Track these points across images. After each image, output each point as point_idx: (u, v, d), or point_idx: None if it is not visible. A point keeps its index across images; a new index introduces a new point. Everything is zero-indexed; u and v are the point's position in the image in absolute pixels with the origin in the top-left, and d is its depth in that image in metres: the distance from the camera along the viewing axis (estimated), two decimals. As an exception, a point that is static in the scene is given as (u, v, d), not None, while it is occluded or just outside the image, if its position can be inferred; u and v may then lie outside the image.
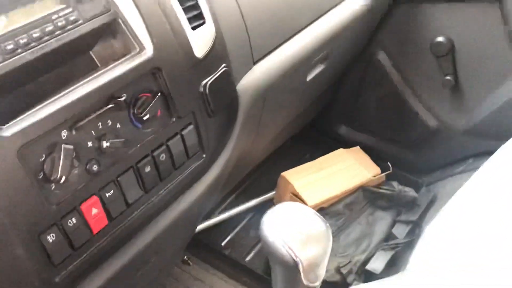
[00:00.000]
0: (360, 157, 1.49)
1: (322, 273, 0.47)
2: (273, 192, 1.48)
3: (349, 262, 1.28)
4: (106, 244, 0.68)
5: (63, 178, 0.60)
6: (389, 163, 1.48)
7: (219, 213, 1.43)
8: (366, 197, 1.41)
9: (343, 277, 1.26)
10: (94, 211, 0.65)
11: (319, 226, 0.46)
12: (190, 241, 1.28)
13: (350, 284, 1.24)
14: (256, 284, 1.29)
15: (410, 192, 1.41)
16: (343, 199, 1.38)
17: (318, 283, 0.47)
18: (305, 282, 0.44)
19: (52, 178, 0.59)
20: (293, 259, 0.43)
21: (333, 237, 1.37)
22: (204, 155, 0.81)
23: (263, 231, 0.46)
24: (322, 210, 1.37)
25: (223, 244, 1.37)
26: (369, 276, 1.25)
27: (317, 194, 1.35)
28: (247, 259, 1.34)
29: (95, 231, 0.66)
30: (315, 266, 0.45)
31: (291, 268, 0.44)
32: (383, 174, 1.45)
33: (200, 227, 1.36)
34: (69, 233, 0.62)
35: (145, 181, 0.71)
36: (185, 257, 1.34)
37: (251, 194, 1.49)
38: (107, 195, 0.66)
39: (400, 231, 1.35)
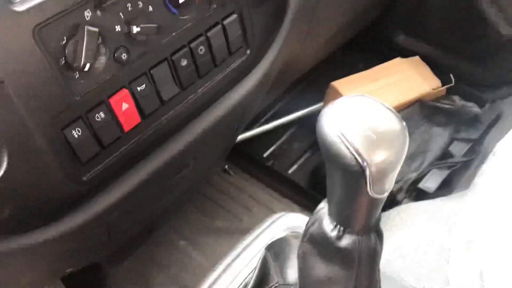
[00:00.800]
0: (419, 68, 1.35)
1: (391, 184, 0.38)
2: (321, 104, 1.38)
3: (400, 179, 1.19)
4: (140, 144, 0.62)
5: (88, 65, 0.52)
6: (451, 75, 1.33)
7: (262, 124, 1.36)
8: (423, 112, 1.29)
9: (393, 194, 1.18)
10: (125, 106, 0.58)
11: (394, 124, 0.36)
12: (231, 151, 1.22)
13: (400, 202, 1.17)
14: (298, 197, 1.23)
15: (472, 107, 1.28)
16: (398, 112, 1.26)
17: (385, 195, 0.38)
18: (371, 193, 0.36)
19: (75, 65, 0.51)
20: (359, 164, 0.35)
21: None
22: (248, 51, 0.72)
23: (321, 127, 0.37)
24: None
25: (265, 155, 1.31)
26: (420, 195, 1.17)
27: (369, 106, 1.24)
28: (290, 171, 1.28)
29: (126, 129, 0.59)
30: (385, 175, 0.36)
31: (355, 175, 0.35)
32: (444, 87, 1.32)
33: (242, 137, 1.29)
34: (97, 129, 0.56)
35: (181, 76, 0.63)
36: (226, 166, 1.29)
37: (297, 104, 1.40)
38: (138, 89, 0.59)
39: (458, 149, 1.25)
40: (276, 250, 0.57)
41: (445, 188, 1.17)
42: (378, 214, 0.41)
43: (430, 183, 1.17)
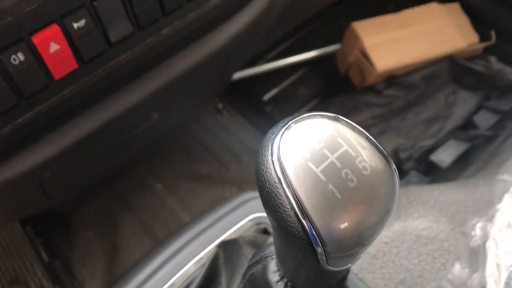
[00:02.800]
0: (456, 18, 1.15)
1: (361, 254, 0.25)
2: (337, 45, 1.21)
3: (412, 146, 1.05)
4: (77, 95, 0.49)
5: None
6: (493, 31, 1.14)
7: (267, 62, 1.20)
8: (452, 70, 1.12)
9: (400, 161, 1.05)
10: (54, 47, 0.44)
11: (378, 172, 0.23)
12: (227, 89, 1.08)
13: (406, 172, 1.04)
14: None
15: (510, 74, 1.10)
16: (422, 69, 1.09)
17: (350, 266, 0.26)
18: (325, 267, 0.23)
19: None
20: (306, 232, 0.22)
21: (400, 114, 1.13)
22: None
23: (258, 161, 0.24)
24: (393, 78, 1.10)
25: (265, 98, 1.17)
26: (431, 169, 1.03)
27: (391, 57, 1.07)
28: (291, 120, 1.13)
29: (57, 76, 0.46)
30: (348, 249, 0.23)
31: (302, 243, 0.22)
32: (481, 44, 1.13)
33: (241, 74, 1.14)
34: (14, 74, 0.43)
35: (137, 11, 0.48)
36: (220, 105, 1.15)
37: (310, 44, 1.22)
38: (75, 25, 0.45)
39: (484, 120, 1.08)
40: (227, 253, 0.46)
41: (461, 164, 1.03)
42: (343, 273, 0.29)
43: (445, 155, 1.03)
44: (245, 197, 0.58)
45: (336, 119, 0.24)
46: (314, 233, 0.22)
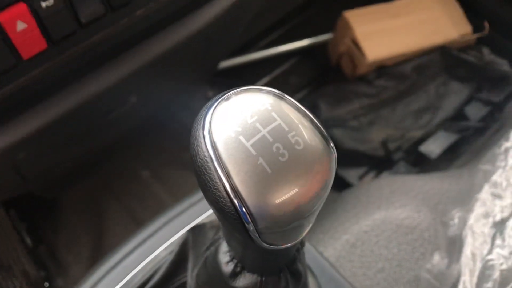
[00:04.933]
0: (449, 8, 1.14)
1: (302, 234, 0.24)
2: (329, 35, 1.20)
3: (401, 137, 1.05)
4: (48, 75, 0.48)
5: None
6: (486, 22, 1.12)
7: (258, 50, 1.19)
8: (444, 61, 1.11)
9: (388, 152, 1.04)
10: (21, 26, 0.44)
11: (314, 146, 0.22)
12: (216, 77, 1.08)
13: (395, 163, 1.03)
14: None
15: (502, 65, 1.08)
16: (413, 59, 1.08)
17: (290, 245, 0.25)
18: (261, 244, 0.23)
19: None
20: (235, 207, 0.21)
21: (390, 104, 1.12)
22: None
23: (192, 135, 0.23)
24: (384, 68, 1.09)
25: (256, 85, 1.15)
26: (420, 159, 1.02)
27: (382, 47, 1.06)
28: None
29: (26, 56, 0.45)
30: (282, 227, 0.22)
31: (233, 219, 0.22)
32: (474, 35, 1.12)
33: (231, 62, 1.13)
34: (-21, 53, 0.42)
35: (110, -9, 0.47)
36: (210, 93, 1.14)
37: (302, 32, 1.21)
38: (43, 4, 0.44)
39: (475, 111, 1.08)
40: (195, 238, 0.45)
41: (450, 155, 1.02)
42: (291, 254, 0.28)
43: (434, 146, 1.02)
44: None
45: (278, 96, 0.23)
46: (244, 209, 0.21)
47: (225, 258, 0.28)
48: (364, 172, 1.05)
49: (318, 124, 0.24)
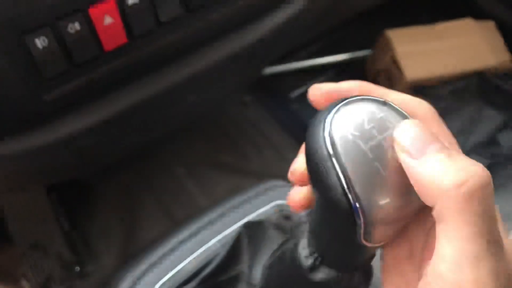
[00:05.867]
0: (490, 36, 1.15)
1: (397, 231, 0.27)
2: (368, 51, 1.22)
3: (432, 157, 1.06)
4: (123, 68, 0.51)
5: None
6: (526, 52, 1.14)
7: (296, 59, 1.21)
8: (480, 87, 1.12)
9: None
10: (108, 20, 0.47)
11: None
12: (254, 83, 1.10)
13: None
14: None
15: (539, 95, 1.10)
16: (450, 83, 1.10)
17: (383, 244, 0.27)
18: (361, 241, 0.25)
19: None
20: (350, 203, 0.24)
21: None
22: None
23: (310, 134, 0.26)
24: (422, 89, 1.11)
25: (291, 96, 1.18)
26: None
27: (421, 67, 1.08)
28: (315, 120, 1.15)
29: (107, 48, 0.48)
30: (388, 223, 0.25)
31: (342, 214, 0.24)
32: (513, 64, 1.13)
33: (270, 69, 1.16)
34: (69, 42, 0.45)
35: (189, -6, 0.50)
36: (247, 98, 1.17)
37: (342, 46, 1.24)
38: (129, 2, 0.47)
39: (508, 139, 1.09)
40: (252, 233, 0.47)
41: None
42: (371, 254, 0.30)
43: (464, 169, 1.03)
44: (269, 185, 0.60)
45: (392, 107, 0.26)
46: (357, 204, 0.24)
47: (304, 252, 0.30)
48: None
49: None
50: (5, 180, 0.60)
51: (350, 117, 0.25)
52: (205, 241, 0.52)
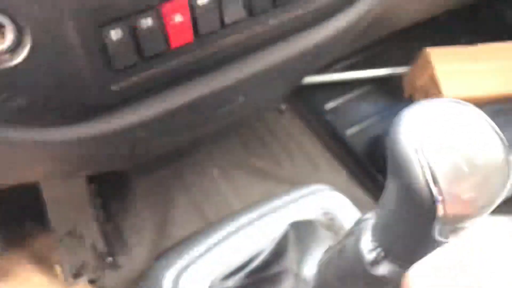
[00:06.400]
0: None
1: (467, 229, 0.28)
2: (406, 67, 1.23)
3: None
4: (185, 66, 0.53)
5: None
6: None
7: (333, 71, 1.23)
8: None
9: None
10: (178, 18, 0.49)
11: (497, 155, 0.26)
12: (292, 92, 1.12)
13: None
14: (349, 163, 1.13)
15: None
16: (489, 104, 1.10)
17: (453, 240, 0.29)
18: (436, 236, 0.26)
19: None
20: (432, 197, 0.25)
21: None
22: (341, -9, 0.60)
23: (396, 132, 0.27)
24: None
25: (326, 107, 1.20)
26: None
27: (461, 87, 1.09)
28: (348, 132, 1.16)
29: (173, 45, 0.51)
30: (463, 221, 0.26)
31: (421, 208, 0.26)
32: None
33: (307, 80, 1.18)
34: (140, 37, 0.48)
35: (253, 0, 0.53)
36: (283, 106, 1.19)
37: (379, 61, 1.25)
38: (199, 2, 0.49)
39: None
40: (299, 232, 0.49)
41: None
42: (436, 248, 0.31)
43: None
44: (313, 188, 0.61)
45: (475, 111, 0.27)
46: (440, 197, 0.25)
47: (368, 246, 0.32)
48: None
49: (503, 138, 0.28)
50: (59, 166, 0.63)
51: (437, 115, 0.27)
52: (250, 237, 0.54)
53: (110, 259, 0.98)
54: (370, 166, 1.10)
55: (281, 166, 1.12)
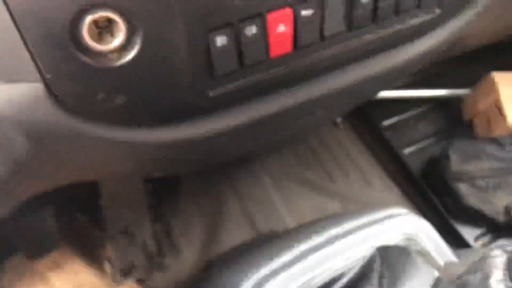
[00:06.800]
0: None
1: None
2: (467, 90, 1.20)
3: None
4: (278, 76, 0.52)
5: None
6: None
7: (394, 88, 1.21)
8: None
9: (510, 219, 1.02)
10: (281, 28, 0.48)
11: None
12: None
13: (515, 232, 1.01)
14: (404, 183, 1.11)
15: None
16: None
17: None
18: None
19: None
20: None
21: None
22: (438, 11, 0.58)
23: None
24: (521, 136, 1.08)
25: (384, 123, 1.18)
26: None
27: (526, 115, 1.05)
28: (406, 151, 1.14)
29: (272, 54, 0.50)
30: None
31: None
32: None
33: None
34: (243, 44, 0.47)
35: (354, 13, 0.51)
36: (339, 120, 1.18)
37: (442, 81, 1.22)
38: (303, 13, 0.48)
39: None
40: (389, 259, 0.47)
41: None
42: None
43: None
44: (393, 212, 0.59)
45: None
46: None
47: (499, 286, 0.30)
48: (482, 233, 1.03)
49: None
50: (136, 166, 0.62)
51: None
52: (332, 255, 0.52)
53: (159, 259, 0.97)
54: (426, 187, 1.07)
55: (334, 181, 1.10)
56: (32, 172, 0.54)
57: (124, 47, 0.43)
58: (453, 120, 1.20)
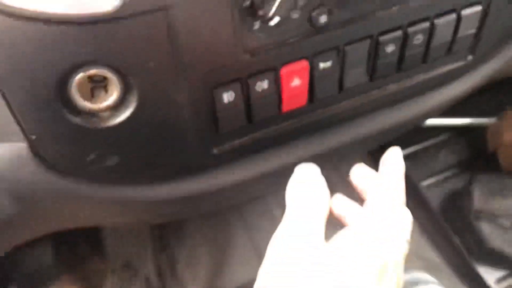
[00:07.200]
0: None
1: None
2: (490, 120, 1.13)
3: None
4: (290, 129, 0.48)
5: (275, 19, 0.38)
6: None
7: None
8: None
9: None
10: (296, 82, 0.43)
11: None
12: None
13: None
14: (423, 217, 1.04)
15: None
16: None
17: None
18: None
19: (260, 13, 0.37)
20: None
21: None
22: (470, 57, 0.53)
23: None
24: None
25: (404, 152, 1.11)
26: None
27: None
28: (425, 183, 1.08)
29: (285, 109, 0.45)
30: None
31: None
32: None
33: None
34: (253, 99, 0.42)
35: (378, 64, 0.46)
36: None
37: (464, 110, 1.16)
38: (321, 65, 0.43)
39: None
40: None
41: None
42: None
43: None
44: (422, 278, 0.54)
45: None
46: None
47: None
48: (504, 275, 0.97)
49: None
50: (133, 218, 0.58)
51: None
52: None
53: (162, 294, 0.93)
54: (446, 224, 1.01)
55: (348, 212, 1.05)
56: (22, 225, 0.50)
57: (117, 106, 0.38)
58: (476, 151, 1.13)
